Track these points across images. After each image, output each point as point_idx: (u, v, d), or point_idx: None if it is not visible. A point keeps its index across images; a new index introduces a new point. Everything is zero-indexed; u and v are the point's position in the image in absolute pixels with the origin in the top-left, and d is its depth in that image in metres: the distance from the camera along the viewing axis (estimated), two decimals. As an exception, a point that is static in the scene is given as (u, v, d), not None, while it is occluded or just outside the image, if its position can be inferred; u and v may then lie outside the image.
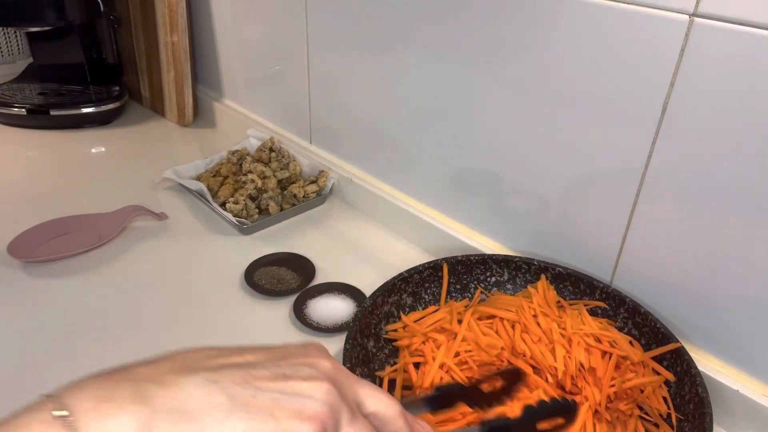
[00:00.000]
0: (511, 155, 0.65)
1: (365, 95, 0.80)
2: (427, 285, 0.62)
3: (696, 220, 0.52)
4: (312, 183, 0.88)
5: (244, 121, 1.05)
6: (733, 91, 0.46)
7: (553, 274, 0.62)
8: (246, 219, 0.81)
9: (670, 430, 0.49)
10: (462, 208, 0.74)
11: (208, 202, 0.84)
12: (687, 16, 0.47)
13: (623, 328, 0.58)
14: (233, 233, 0.81)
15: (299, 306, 0.67)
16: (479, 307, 0.59)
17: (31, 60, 1.22)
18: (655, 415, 0.50)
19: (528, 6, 0.57)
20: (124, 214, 0.80)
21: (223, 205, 0.83)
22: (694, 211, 0.52)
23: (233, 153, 0.94)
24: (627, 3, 0.50)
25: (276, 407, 0.27)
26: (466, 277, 0.64)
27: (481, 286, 0.64)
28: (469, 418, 0.47)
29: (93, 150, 1.05)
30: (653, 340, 0.55)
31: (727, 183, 0.49)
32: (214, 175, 0.90)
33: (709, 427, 0.45)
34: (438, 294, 0.63)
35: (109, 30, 1.15)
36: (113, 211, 0.81)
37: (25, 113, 1.07)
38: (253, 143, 0.98)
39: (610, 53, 0.53)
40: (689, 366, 0.50)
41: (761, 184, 0.47)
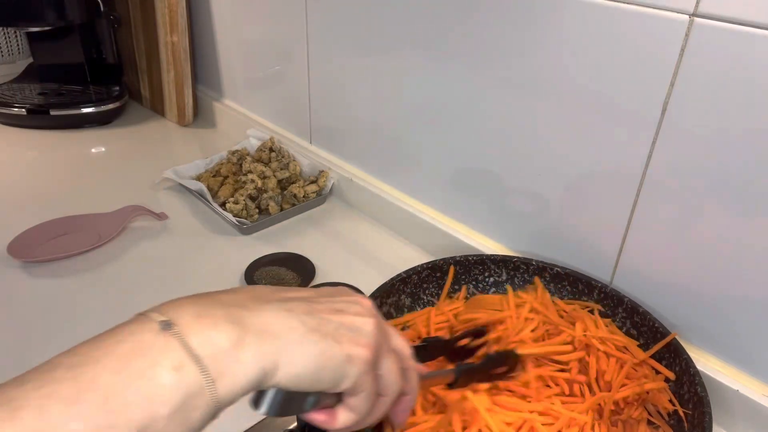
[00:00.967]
0: (510, 155, 0.65)
1: (365, 95, 0.80)
2: (425, 285, 0.62)
3: (696, 220, 0.52)
4: (312, 183, 0.88)
5: (244, 121, 1.05)
6: (733, 91, 0.46)
7: (551, 274, 0.62)
8: (246, 219, 0.81)
9: (671, 430, 0.49)
10: (462, 208, 0.74)
11: (208, 202, 0.84)
12: (687, 16, 0.47)
13: (621, 328, 0.58)
14: (233, 233, 0.81)
15: (299, 306, 0.67)
16: (467, 315, 0.59)
17: (31, 60, 1.22)
18: (657, 416, 0.50)
19: (528, 6, 0.57)
20: (124, 214, 0.81)
21: (223, 205, 0.83)
22: (694, 211, 0.52)
23: (233, 153, 0.94)
24: (627, 3, 0.50)
25: (338, 334, 0.32)
26: (464, 277, 0.64)
27: (480, 287, 0.64)
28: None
29: (93, 150, 1.05)
30: (652, 339, 0.55)
31: (727, 183, 0.49)
32: (214, 175, 0.90)
33: (709, 427, 0.45)
34: (436, 294, 0.63)
35: (109, 30, 1.15)
36: (113, 211, 0.81)
37: (25, 113, 1.07)
38: (253, 143, 0.98)
39: (610, 53, 0.53)
40: (688, 365, 0.50)
41: (761, 183, 0.47)
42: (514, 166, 0.66)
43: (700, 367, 0.51)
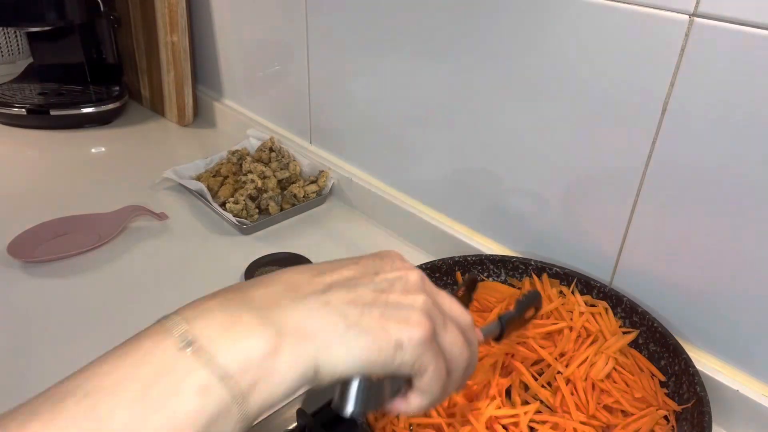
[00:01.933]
0: (510, 155, 0.65)
1: (365, 95, 0.80)
2: (426, 285, 0.62)
3: (696, 220, 0.52)
4: (312, 183, 0.88)
5: (244, 121, 1.05)
6: (733, 91, 0.46)
7: (551, 273, 0.62)
8: (246, 219, 0.81)
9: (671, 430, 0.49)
10: (462, 208, 0.74)
11: (208, 202, 0.84)
12: (687, 16, 0.47)
13: (620, 327, 0.58)
14: (233, 233, 0.81)
15: (299, 306, 0.66)
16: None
17: (31, 60, 1.22)
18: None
19: (528, 6, 0.57)
20: (124, 214, 0.81)
21: (223, 205, 0.83)
22: (695, 210, 0.52)
23: (233, 153, 0.94)
24: (627, 3, 0.50)
25: (384, 320, 0.29)
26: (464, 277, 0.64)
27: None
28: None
29: (93, 150, 1.05)
30: (651, 339, 0.55)
31: (727, 183, 0.49)
32: (214, 175, 0.90)
33: (709, 427, 0.45)
34: (438, 294, 0.63)
35: (109, 30, 1.15)
36: (113, 211, 0.81)
37: (25, 113, 1.07)
38: (253, 143, 0.98)
39: (610, 53, 0.53)
40: (688, 365, 0.50)
41: (761, 183, 0.47)
42: (513, 165, 0.66)
43: (699, 367, 0.51)
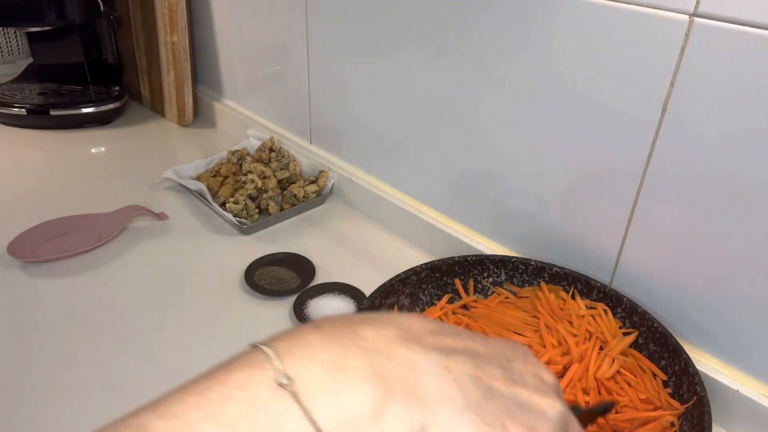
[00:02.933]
0: (511, 155, 0.65)
1: (365, 95, 0.80)
2: (424, 286, 0.62)
3: (696, 220, 0.52)
4: (312, 183, 0.88)
5: (244, 121, 1.05)
6: (733, 91, 0.46)
7: (550, 274, 0.62)
8: (246, 219, 0.81)
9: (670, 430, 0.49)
10: (462, 208, 0.74)
11: (208, 202, 0.84)
12: (687, 16, 0.47)
13: (620, 327, 0.58)
14: (233, 233, 0.81)
15: (299, 306, 0.67)
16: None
17: (31, 60, 1.21)
18: None
19: (528, 7, 0.57)
20: (124, 214, 0.81)
21: (223, 205, 0.83)
22: (695, 210, 0.52)
23: (233, 153, 0.94)
24: (627, 3, 0.50)
25: (508, 417, 0.25)
26: (463, 278, 0.64)
27: (478, 287, 0.64)
28: None
29: (93, 150, 1.05)
30: (651, 339, 0.55)
31: (727, 183, 0.49)
32: (214, 175, 0.90)
33: (709, 427, 0.45)
34: (435, 295, 0.63)
35: (109, 30, 1.15)
36: (113, 211, 0.81)
37: (25, 113, 1.07)
38: (253, 143, 0.98)
39: (610, 53, 0.53)
40: (687, 365, 0.50)
41: (760, 183, 0.47)
42: (513, 166, 0.66)
43: (699, 367, 0.51)
